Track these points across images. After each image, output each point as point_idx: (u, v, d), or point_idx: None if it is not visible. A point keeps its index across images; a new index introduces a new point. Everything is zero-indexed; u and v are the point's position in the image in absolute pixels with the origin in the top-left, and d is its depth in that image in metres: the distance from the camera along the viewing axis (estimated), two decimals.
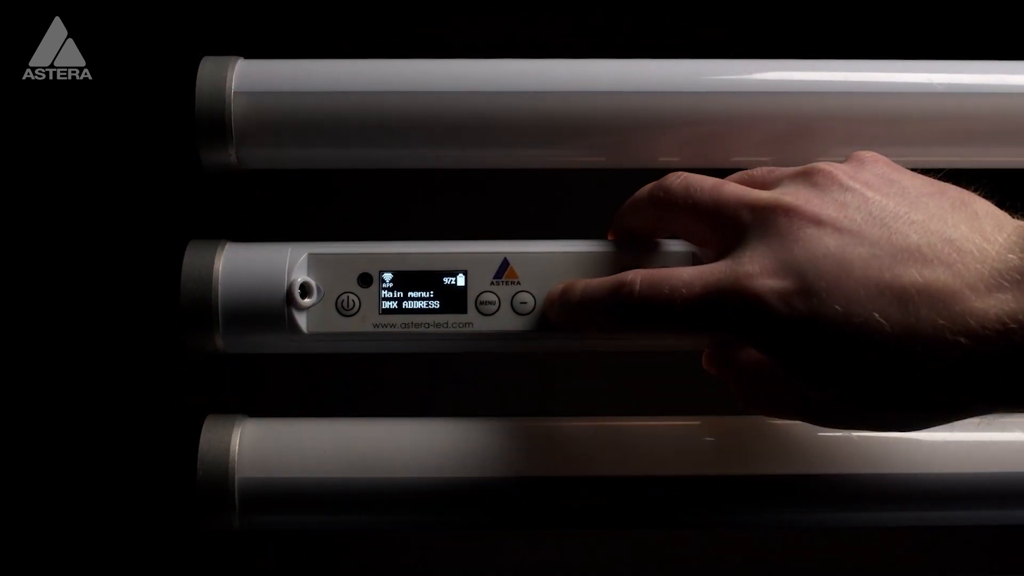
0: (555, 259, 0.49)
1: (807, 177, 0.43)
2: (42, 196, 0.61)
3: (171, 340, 0.51)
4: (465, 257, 0.49)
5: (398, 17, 0.62)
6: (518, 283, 0.49)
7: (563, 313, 0.47)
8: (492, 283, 0.49)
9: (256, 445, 0.50)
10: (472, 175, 0.55)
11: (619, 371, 0.62)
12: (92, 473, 0.62)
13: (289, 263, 0.49)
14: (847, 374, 0.39)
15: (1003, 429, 0.51)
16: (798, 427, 0.51)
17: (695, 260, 0.49)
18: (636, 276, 0.44)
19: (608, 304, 0.45)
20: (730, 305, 0.41)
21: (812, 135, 0.51)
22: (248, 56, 0.51)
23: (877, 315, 0.38)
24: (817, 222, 0.41)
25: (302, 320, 0.48)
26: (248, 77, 0.50)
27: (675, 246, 0.50)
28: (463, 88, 0.50)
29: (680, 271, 0.43)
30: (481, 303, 0.49)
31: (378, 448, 0.50)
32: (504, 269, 0.49)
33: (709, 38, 0.62)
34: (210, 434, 0.50)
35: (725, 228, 0.44)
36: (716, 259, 0.44)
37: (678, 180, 0.46)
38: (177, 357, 0.52)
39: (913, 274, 0.38)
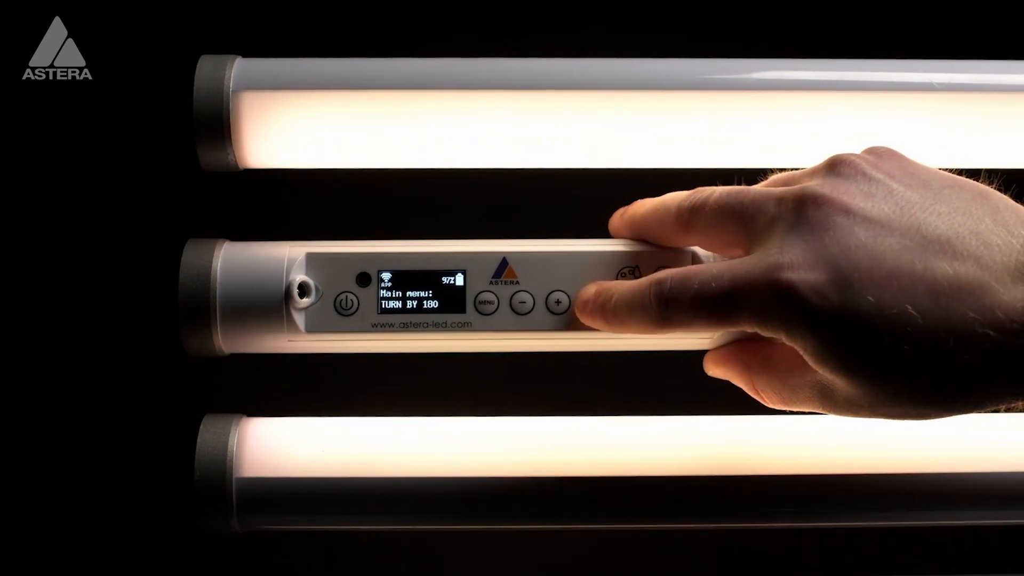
0: (554, 259, 0.49)
1: (831, 168, 0.43)
2: (42, 196, 0.61)
3: (169, 339, 0.51)
4: (464, 257, 0.49)
5: (398, 17, 0.62)
6: (517, 283, 0.49)
7: (599, 317, 0.47)
8: (491, 283, 0.49)
9: (254, 445, 0.50)
10: (472, 175, 0.55)
11: (619, 371, 0.62)
12: (90, 473, 0.62)
13: (287, 262, 0.49)
14: (878, 366, 0.39)
15: (1003, 429, 0.51)
16: (798, 427, 0.51)
17: (695, 260, 0.49)
18: (667, 275, 0.44)
19: (643, 305, 0.45)
20: (761, 297, 0.41)
21: (812, 135, 0.51)
22: (246, 55, 0.51)
23: (910, 307, 0.38)
24: (846, 211, 0.41)
25: (300, 320, 0.48)
26: (246, 76, 0.50)
27: None
28: (464, 88, 0.50)
29: (710, 266, 0.43)
30: (480, 303, 0.49)
31: (376, 448, 0.50)
32: (503, 269, 0.49)
33: (709, 38, 0.62)
34: (208, 434, 0.50)
35: (753, 224, 0.44)
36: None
37: (706, 193, 0.46)
38: (175, 357, 0.51)
39: (944, 267, 0.39)
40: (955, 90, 0.51)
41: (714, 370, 0.49)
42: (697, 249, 0.49)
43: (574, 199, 0.60)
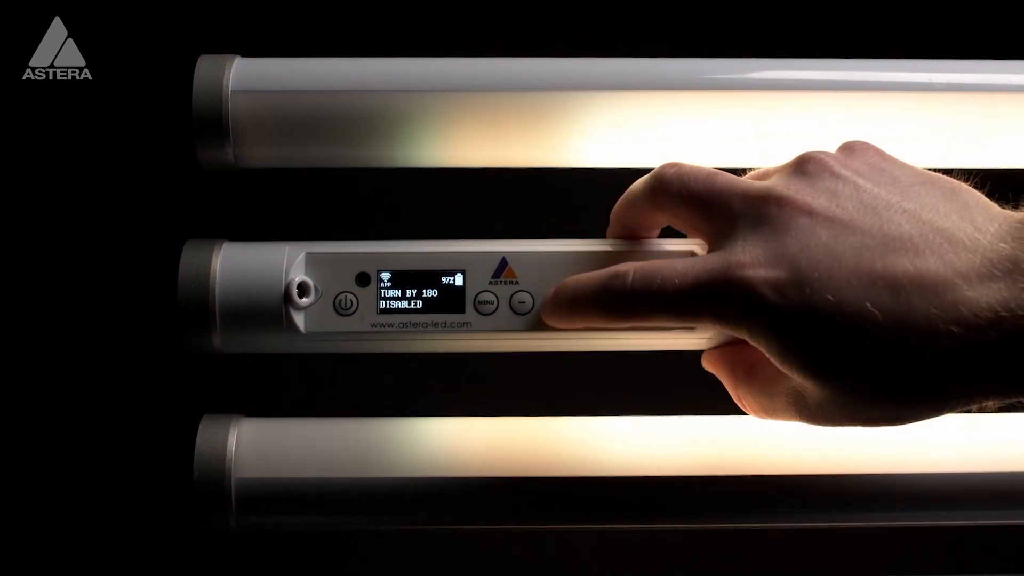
0: (553, 259, 0.49)
1: (798, 166, 0.44)
2: (41, 196, 0.61)
3: (168, 339, 0.51)
4: (463, 256, 0.49)
5: (397, 16, 0.62)
6: (516, 283, 0.49)
7: (556, 310, 0.47)
8: (490, 283, 0.49)
9: (253, 445, 0.50)
10: (471, 175, 0.55)
11: (619, 371, 0.62)
12: (89, 472, 0.62)
13: (287, 262, 0.49)
14: (840, 365, 0.39)
15: (1003, 429, 0.51)
16: (797, 427, 0.51)
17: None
18: (629, 268, 0.44)
19: (601, 296, 0.45)
20: (722, 295, 0.41)
21: (811, 134, 0.51)
22: (245, 55, 0.51)
23: (869, 304, 0.38)
24: (809, 212, 0.41)
25: (300, 320, 0.48)
26: (245, 76, 0.50)
27: (675, 245, 0.50)
28: (463, 88, 0.50)
29: (673, 262, 0.43)
30: (479, 303, 0.49)
31: (375, 448, 0.50)
32: (502, 269, 0.49)
33: (709, 38, 0.62)
34: (207, 434, 0.50)
35: (717, 217, 0.44)
36: (711, 251, 0.44)
37: (672, 169, 0.46)
38: (174, 356, 0.52)
39: (905, 263, 0.39)
40: (955, 90, 0.51)
41: (708, 367, 0.50)
42: (697, 249, 0.49)
43: (574, 199, 0.60)
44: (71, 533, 0.62)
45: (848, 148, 0.45)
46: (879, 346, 0.38)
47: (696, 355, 0.50)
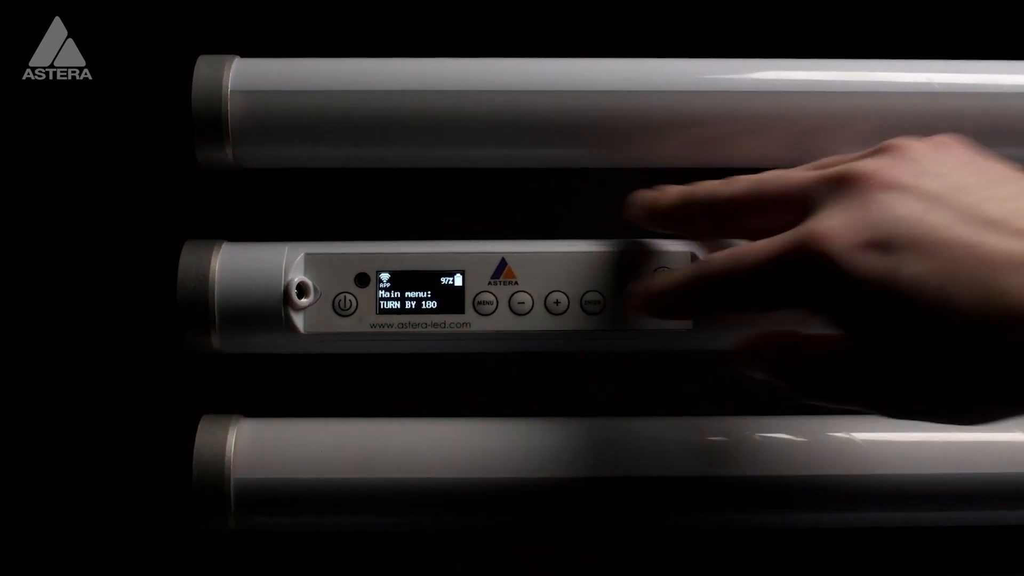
0: (553, 259, 0.49)
1: (881, 150, 0.42)
2: (41, 196, 0.61)
3: (167, 340, 0.51)
4: (463, 257, 0.49)
5: (397, 16, 0.62)
6: (516, 283, 0.49)
7: (649, 304, 0.45)
8: (490, 283, 0.49)
9: (252, 445, 0.50)
10: (471, 175, 0.55)
11: (619, 371, 0.62)
12: (87, 473, 0.62)
13: (286, 263, 0.49)
14: (923, 345, 0.37)
15: (1003, 429, 0.51)
16: (797, 427, 0.51)
17: (694, 260, 0.49)
18: (716, 257, 0.43)
19: (692, 288, 0.43)
20: (800, 266, 0.39)
21: (811, 135, 0.51)
22: (245, 55, 0.51)
23: (956, 281, 0.36)
24: (895, 187, 0.39)
25: (299, 320, 0.48)
26: (245, 76, 0.50)
27: (674, 246, 0.50)
28: (463, 88, 0.50)
29: (752, 243, 0.41)
30: (479, 303, 0.49)
31: (374, 449, 0.50)
32: (502, 269, 0.49)
33: (709, 38, 0.62)
34: (206, 434, 0.50)
35: (794, 205, 0.42)
36: None
37: (742, 179, 0.45)
38: (173, 357, 0.51)
39: (999, 243, 0.36)
40: (955, 90, 0.51)
41: (746, 360, 0.46)
42: (695, 248, 0.49)
43: (574, 199, 0.60)
44: (71, 533, 0.62)
45: (936, 140, 0.43)
46: (962, 326, 0.36)
47: (695, 355, 0.50)
